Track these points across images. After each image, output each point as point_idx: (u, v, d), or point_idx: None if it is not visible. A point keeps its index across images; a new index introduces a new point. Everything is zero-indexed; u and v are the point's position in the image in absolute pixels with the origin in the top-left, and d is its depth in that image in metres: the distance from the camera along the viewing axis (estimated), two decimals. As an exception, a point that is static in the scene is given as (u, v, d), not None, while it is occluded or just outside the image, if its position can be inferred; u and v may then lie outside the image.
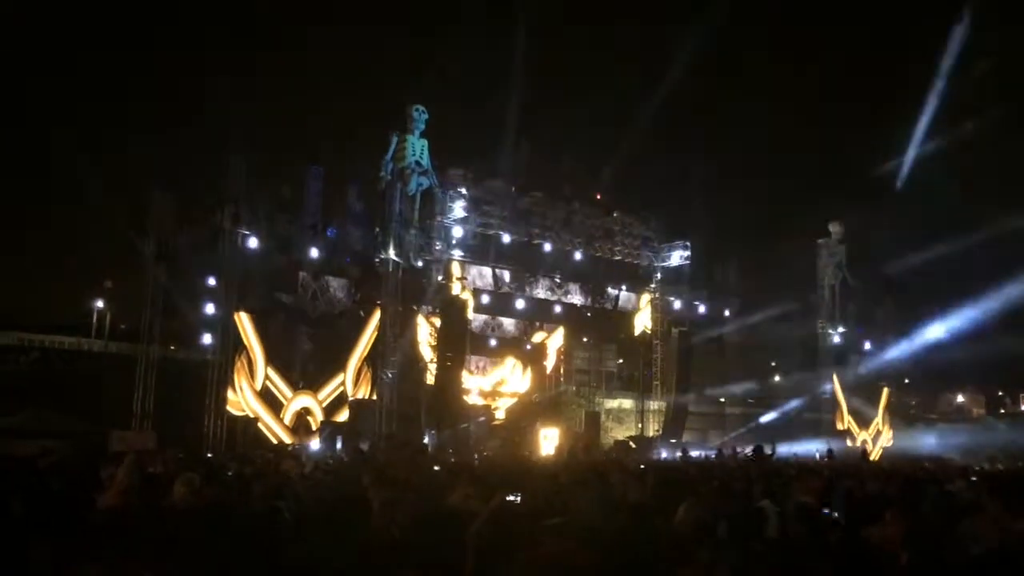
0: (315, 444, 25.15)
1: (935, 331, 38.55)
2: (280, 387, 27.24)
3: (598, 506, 5.24)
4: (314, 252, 28.90)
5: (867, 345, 40.27)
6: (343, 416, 27.37)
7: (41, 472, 9.90)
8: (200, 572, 3.23)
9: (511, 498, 6.03)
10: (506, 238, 33.88)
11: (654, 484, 8.02)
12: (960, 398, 52.45)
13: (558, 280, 36.32)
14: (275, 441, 25.79)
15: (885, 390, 40.19)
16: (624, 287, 38.39)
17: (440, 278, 31.30)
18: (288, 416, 27.08)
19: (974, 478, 12.33)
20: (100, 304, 36.12)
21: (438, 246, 31.16)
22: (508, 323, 36.07)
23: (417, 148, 28.07)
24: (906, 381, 44.72)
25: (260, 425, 26.56)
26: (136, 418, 25.47)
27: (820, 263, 38.56)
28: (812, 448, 31.43)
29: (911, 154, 38.27)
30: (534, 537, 2.70)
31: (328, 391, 27.91)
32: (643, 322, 38.93)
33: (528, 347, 35.73)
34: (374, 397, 27.63)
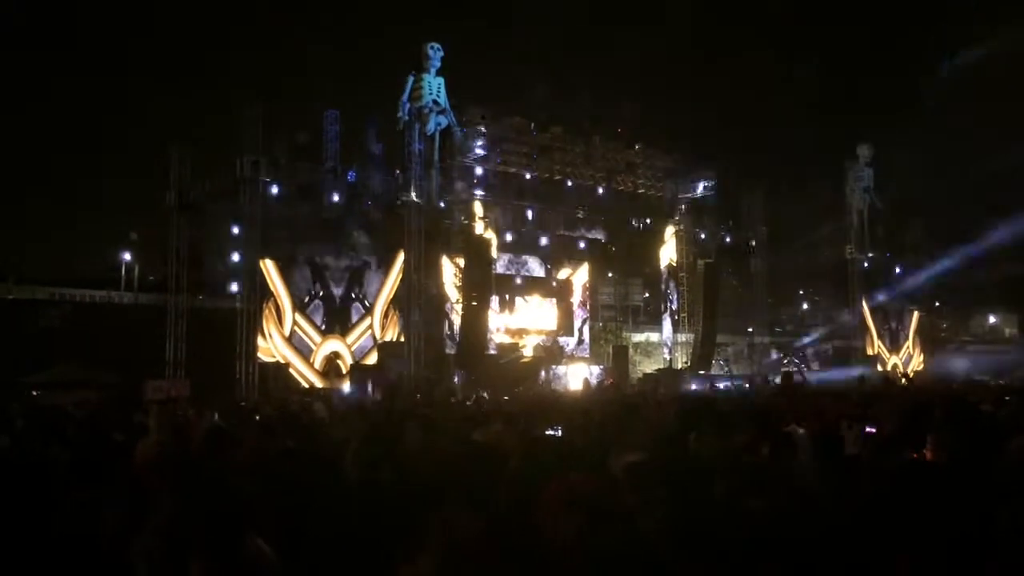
0: (346, 387, 25.49)
1: (965, 252, 37.99)
2: (309, 332, 27.49)
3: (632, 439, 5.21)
4: (335, 196, 28.82)
5: (897, 269, 39.82)
6: (372, 359, 27.64)
7: (81, 421, 10.11)
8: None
9: (550, 432, 6.04)
10: (527, 175, 33.58)
11: (680, 413, 8.00)
12: (992, 319, 51.97)
13: (581, 215, 35.99)
14: (306, 385, 26.12)
15: (915, 313, 39.90)
16: (648, 220, 38.05)
17: (463, 218, 31.17)
18: (318, 361, 27.39)
19: (1008, 398, 12.21)
20: (128, 257, 36.50)
21: (459, 186, 30.96)
22: (532, 260, 35.96)
23: (434, 87, 27.70)
24: (936, 304, 44.30)
25: (291, 370, 26.89)
26: (169, 367, 25.87)
27: (847, 187, 37.92)
28: (842, 375, 31.34)
29: (939, 69, 37.33)
30: (566, 471, 2.65)
31: (356, 335, 28.14)
32: (668, 255, 38.70)
33: (553, 284, 35.70)
34: (402, 339, 27.82)
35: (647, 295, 40.23)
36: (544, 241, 35.28)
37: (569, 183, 34.62)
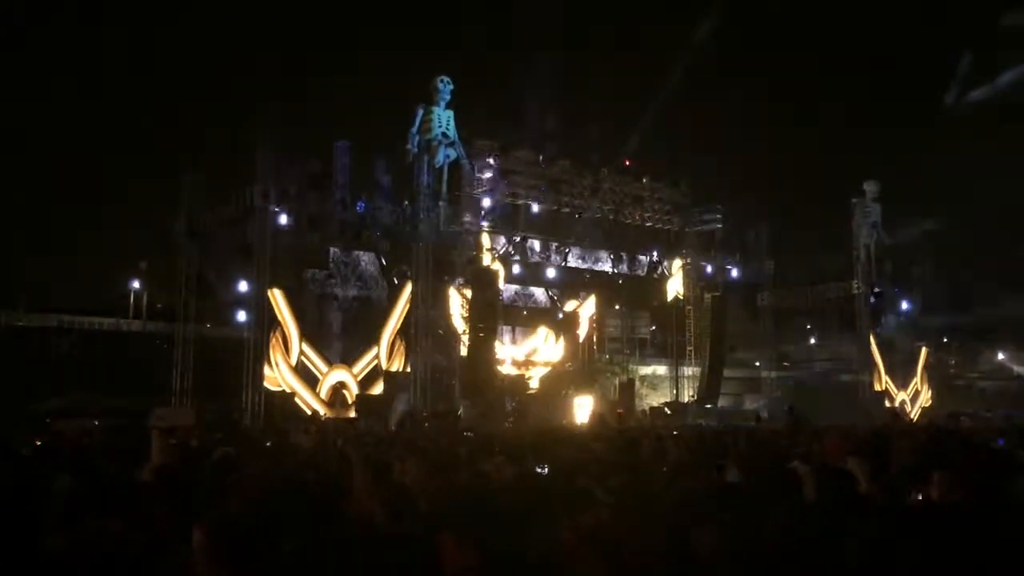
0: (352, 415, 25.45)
1: (974, 289, 37.90)
2: (315, 362, 27.48)
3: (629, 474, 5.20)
4: (344, 227, 28.95)
5: (904, 305, 39.68)
6: (378, 389, 27.59)
7: (86, 450, 10.10)
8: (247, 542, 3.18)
9: (539, 470, 6.01)
10: (535, 207, 33.70)
11: (689, 447, 7.98)
12: (1000, 356, 51.60)
13: (589, 248, 36.05)
14: (310, 413, 26.07)
15: (923, 350, 39.64)
16: (655, 253, 38.12)
17: (471, 250, 31.26)
18: (324, 390, 27.35)
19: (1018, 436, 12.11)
20: (136, 285, 36.62)
21: (467, 217, 31.08)
22: (539, 292, 35.99)
23: (443, 120, 27.95)
24: (945, 340, 44.06)
25: (297, 400, 26.86)
26: (175, 395, 25.87)
27: (855, 223, 37.93)
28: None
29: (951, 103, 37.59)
30: (564, 506, 2.65)
31: (362, 365, 28.11)
32: (675, 288, 38.66)
33: (560, 316, 35.67)
34: (408, 370, 27.79)
35: (654, 328, 40.16)
36: (551, 273, 35.31)
37: (577, 216, 34.73)
